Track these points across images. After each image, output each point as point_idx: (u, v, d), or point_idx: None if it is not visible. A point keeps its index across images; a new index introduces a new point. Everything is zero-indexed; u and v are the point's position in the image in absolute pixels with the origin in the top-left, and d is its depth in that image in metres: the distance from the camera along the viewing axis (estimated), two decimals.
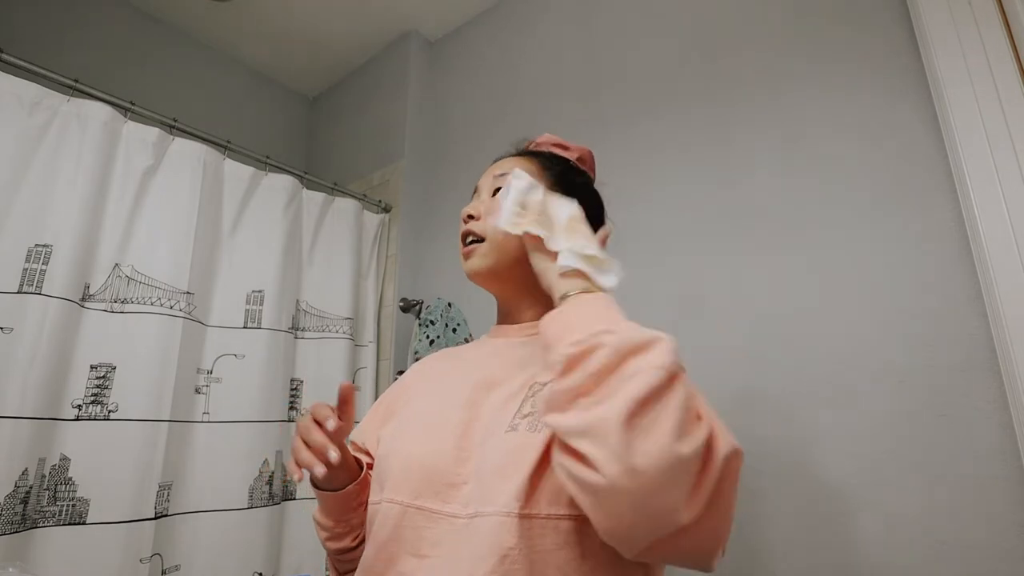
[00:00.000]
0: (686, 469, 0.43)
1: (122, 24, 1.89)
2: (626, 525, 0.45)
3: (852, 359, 0.98)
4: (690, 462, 0.43)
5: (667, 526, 0.44)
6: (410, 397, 0.76)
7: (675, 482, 0.43)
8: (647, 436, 0.43)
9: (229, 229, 1.46)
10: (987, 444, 0.84)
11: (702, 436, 0.44)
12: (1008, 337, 0.82)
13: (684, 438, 0.43)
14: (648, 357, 0.46)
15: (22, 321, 1.07)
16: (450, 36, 2.04)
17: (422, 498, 0.59)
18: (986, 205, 0.87)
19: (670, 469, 0.42)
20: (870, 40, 1.08)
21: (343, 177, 2.01)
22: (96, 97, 1.24)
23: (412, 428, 0.68)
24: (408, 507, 0.59)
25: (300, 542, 1.43)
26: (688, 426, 0.44)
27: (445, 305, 1.61)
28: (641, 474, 0.42)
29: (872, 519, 0.91)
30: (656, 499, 0.43)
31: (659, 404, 0.44)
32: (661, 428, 0.43)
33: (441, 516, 0.57)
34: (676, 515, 0.43)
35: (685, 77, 1.34)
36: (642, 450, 0.42)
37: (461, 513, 0.56)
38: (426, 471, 0.60)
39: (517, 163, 0.76)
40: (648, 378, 0.44)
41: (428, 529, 0.58)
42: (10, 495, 1.00)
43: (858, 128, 1.06)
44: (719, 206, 1.21)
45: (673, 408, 0.44)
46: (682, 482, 0.43)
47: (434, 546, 0.56)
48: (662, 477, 0.42)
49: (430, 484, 0.59)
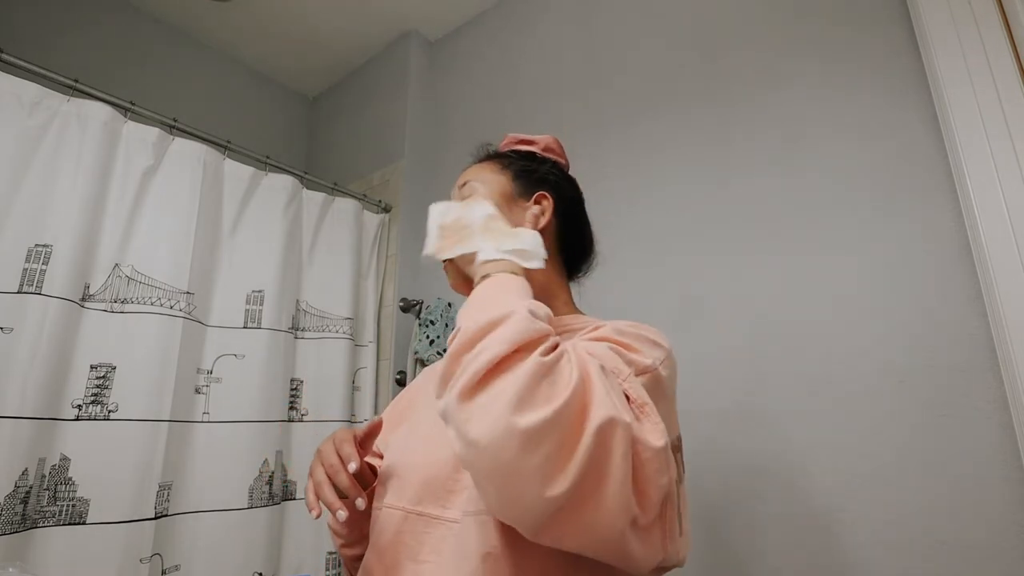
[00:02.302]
0: (531, 440, 0.41)
1: (122, 24, 1.89)
2: (493, 502, 0.46)
3: (852, 359, 0.98)
4: (533, 432, 0.41)
5: (534, 501, 0.42)
6: (419, 405, 0.77)
7: (519, 454, 0.41)
8: (485, 409, 0.43)
9: (229, 229, 1.46)
10: (987, 444, 0.84)
11: (550, 408, 0.42)
12: (1008, 337, 0.82)
13: (526, 410, 0.42)
14: (495, 334, 0.47)
15: (22, 321, 1.07)
16: (450, 36, 2.04)
17: (423, 504, 0.60)
18: (986, 205, 0.87)
19: (507, 440, 0.41)
20: (870, 40, 1.08)
21: (343, 177, 2.01)
22: (96, 97, 1.24)
23: (415, 438, 0.69)
24: (409, 513, 0.60)
25: (300, 542, 1.43)
26: (541, 396, 0.43)
27: (445, 305, 1.61)
28: (479, 448, 0.43)
29: (872, 519, 0.91)
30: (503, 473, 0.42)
31: (502, 376, 0.44)
32: (500, 400, 0.43)
33: (440, 521, 0.58)
34: (538, 489, 0.42)
35: (685, 77, 1.34)
36: (478, 424, 0.43)
37: (459, 518, 0.57)
38: (426, 478, 0.61)
39: (478, 170, 0.78)
40: (489, 353, 0.45)
41: (428, 535, 0.58)
42: (10, 495, 1.00)
43: (858, 128, 1.06)
44: (719, 206, 1.21)
45: (514, 380, 0.43)
46: (530, 454, 0.41)
47: (434, 552, 0.57)
48: (499, 448, 0.42)
49: (430, 490, 0.60)
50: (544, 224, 0.74)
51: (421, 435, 0.68)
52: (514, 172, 0.77)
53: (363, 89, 2.20)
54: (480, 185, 0.74)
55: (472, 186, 0.75)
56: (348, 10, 1.96)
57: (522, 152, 0.82)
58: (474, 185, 0.75)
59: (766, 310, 1.10)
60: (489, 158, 0.81)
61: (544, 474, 0.42)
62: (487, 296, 0.55)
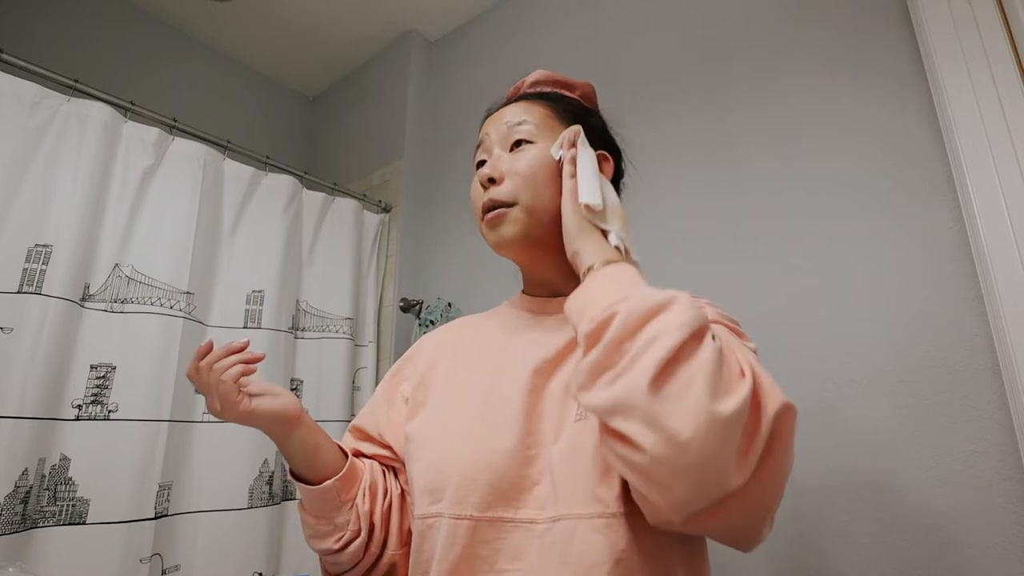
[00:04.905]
0: (730, 429, 0.39)
1: (122, 24, 1.89)
2: (677, 498, 0.41)
3: (852, 359, 0.98)
4: (733, 421, 0.39)
5: (717, 492, 0.40)
6: (439, 382, 0.68)
7: (721, 444, 0.39)
8: (680, 400, 0.39)
9: (229, 229, 1.46)
10: (987, 444, 0.85)
11: (744, 392, 0.40)
12: (1008, 337, 0.82)
13: (722, 396, 0.39)
14: (666, 317, 0.42)
15: (22, 321, 1.07)
16: (450, 36, 2.04)
17: (492, 508, 0.53)
18: (986, 205, 0.87)
19: (712, 431, 0.38)
20: (870, 41, 1.08)
21: (343, 177, 2.01)
22: (96, 97, 1.24)
23: (459, 424, 0.60)
24: (479, 521, 0.53)
25: (300, 542, 1.42)
26: (727, 383, 0.40)
27: (445, 305, 1.61)
28: (681, 441, 0.38)
29: (872, 519, 0.91)
30: (703, 465, 0.39)
31: (687, 364, 0.40)
32: (694, 389, 0.39)
33: (515, 524, 0.52)
34: (727, 479, 0.40)
35: (685, 79, 1.34)
36: (676, 415, 0.39)
37: (539, 518, 0.52)
38: (492, 477, 0.54)
39: (528, 109, 0.68)
40: (670, 340, 0.40)
41: (503, 541, 0.52)
42: (10, 495, 1.00)
43: (858, 129, 1.06)
44: (718, 208, 1.21)
45: (703, 365, 0.40)
46: (729, 443, 0.39)
47: (514, 559, 0.51)
48: (704, 441, 0.38)
49: (498, 492, 0.54)
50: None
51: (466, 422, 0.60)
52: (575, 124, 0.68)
53: (363, 89, 2.20)
54: (542, 135, 0.66)
55: (530, 130, 0.66)
56: (348, 10, 1.96)
57: (573, 101, 0.74)
58: (531, 130, 0.66)
59: (765, 310, 1.10)
60: (535, 99, 0.72)
61: (734, 463, 0.39)
62: (621, 284, 0.49)
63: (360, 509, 0.64)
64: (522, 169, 0.64)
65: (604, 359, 0.43)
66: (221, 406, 0.61)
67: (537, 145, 0.65)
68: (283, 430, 0.64)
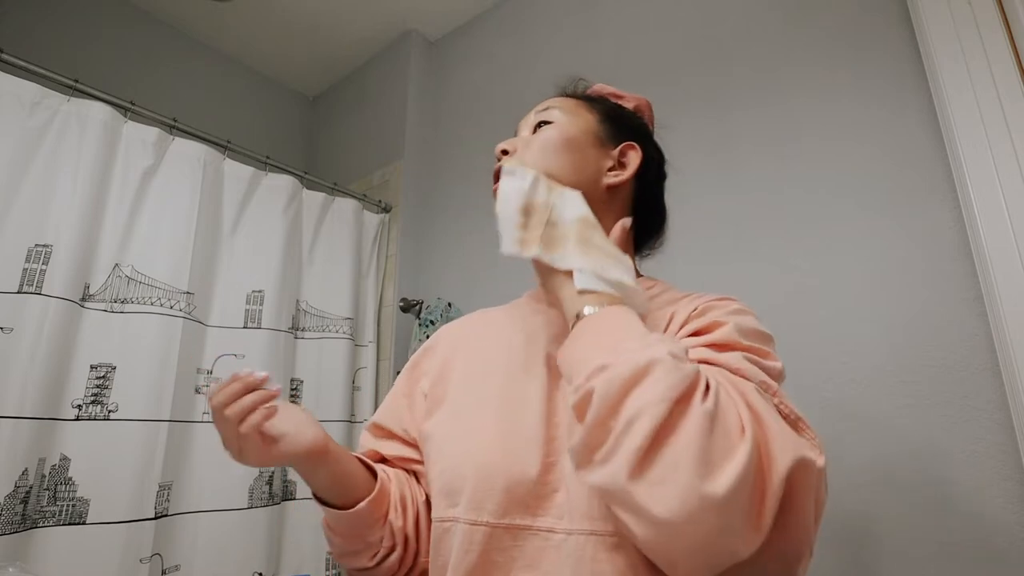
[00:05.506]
0: (727, 507, 0.36)
1: (122, 24, 1.89)
2: (685, 572, 0.40)
3: (852, 359, 0.98)
4: (728, 499, 0.36)
5: (729, 561, 0.39)
6: (457, 379, 0.65)
7: (719, 523, 0.37)
8: (664, 485, 0.37)
9: (229, 229, 1.46)
10: (987, 444, 0.85)
11: (741, 461, 0.37)
12: (1008, 337, 0.82)
13: (715, 473, 0.37)
14: (644, 391, 0.39)
15: (22, 321, 1.07)
16: (450, 36, 2.04)
17: (510, 515, 0.52)
18: (986, 205, 0.87)
19: (704, 512, 0.36)
20: (870, 41, 1.08)
21: (343, 177, 2.01)
22: (96, 97, 1.24)
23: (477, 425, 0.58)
24: (495, 528, 0.52)
25: (300, 542, 1.43)
26: (722, 453, 0.37)
27: (445, 305, 1.61)
28: (673, 527, 0.37)
29: (872, 520, 0.91)
30: (703, 546, 0.38)
31: (670, 444, 0.38)
32: (679, 472, 0.37)
33: (533, 532, 0.51)
34: (736, 549, 0.38)
35: (685, 79, 1.34)
36: (663, 502, 0.37)
37: (557, 527, 0.51)
38: (509, 485, 0.52)
39: (562, 100, 0.69)
40: (648, 421, 0.38)
41: (519, 548, 0.51)
42: (10, 495, 1.00)
43: (858, 129, 1.06)
44: (718, 208, 1.21)
45: (690, 441, 0.37)
46: (729, 519, 0.37)
47: (529, 568, 0.50)
48: (698, 524, 0.36)
49: (515, 499, 0.52)
50: (624, 179, 0.65)
51: (485, 423, 0.58)
52: (602, 113, 0.68)
53: (363, 89, 2.20)
54: (565, 116, 0.65)
55: (553, 113, 0.66)
56: (348, 10, 1.96)
57: (608, 100, 0.74)
58: (555, 113, 0.66)
59: (765, 311, 1.09)
60: (575, 96, 0.72)
61: (741, 532, 0.38)
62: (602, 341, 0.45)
63: (394, 525, 0.62)
64: (535, 140, 0.64)
65: (592, 439, 0.42)
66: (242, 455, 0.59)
67: (557, 123, 0.65)
68: (309, 466, 0.61)
